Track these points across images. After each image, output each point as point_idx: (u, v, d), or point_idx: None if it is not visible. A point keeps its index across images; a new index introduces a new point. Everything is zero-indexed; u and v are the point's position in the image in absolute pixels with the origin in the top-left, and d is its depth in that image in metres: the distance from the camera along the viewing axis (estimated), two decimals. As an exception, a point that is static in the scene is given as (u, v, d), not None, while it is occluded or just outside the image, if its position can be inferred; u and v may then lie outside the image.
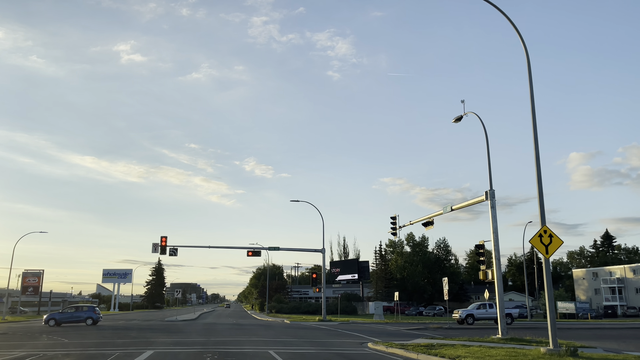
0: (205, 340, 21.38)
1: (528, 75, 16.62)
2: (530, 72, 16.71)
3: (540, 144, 16.23)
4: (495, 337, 21.89)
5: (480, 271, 24.14)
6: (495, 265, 22.84)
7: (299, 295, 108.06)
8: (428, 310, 76.89)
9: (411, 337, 25.40)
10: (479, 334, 27.11)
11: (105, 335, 24.66)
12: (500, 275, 22.76)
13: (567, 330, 34.15)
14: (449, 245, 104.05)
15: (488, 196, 23.60)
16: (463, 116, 26.72)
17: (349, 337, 24.70)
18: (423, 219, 30.94)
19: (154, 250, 45.64)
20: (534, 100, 16.52)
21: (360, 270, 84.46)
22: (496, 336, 22.22)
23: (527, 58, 16.80)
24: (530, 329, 31.69)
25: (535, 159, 16.11)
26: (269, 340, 22.05)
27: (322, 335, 25.93)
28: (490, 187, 23.81)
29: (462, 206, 26.20)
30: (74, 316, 37.55)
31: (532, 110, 16.48)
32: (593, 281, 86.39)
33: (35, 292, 78.88)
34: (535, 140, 16.22)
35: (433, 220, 30.40)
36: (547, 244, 15.20)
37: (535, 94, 16.44)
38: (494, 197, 23.59)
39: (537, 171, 16.11)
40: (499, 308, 22.65)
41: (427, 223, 30.61)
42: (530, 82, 16.55)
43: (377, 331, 30.71)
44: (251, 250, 47.65)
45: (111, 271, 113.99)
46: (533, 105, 16.52)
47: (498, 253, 22.98)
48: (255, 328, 33.34)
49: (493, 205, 23.46)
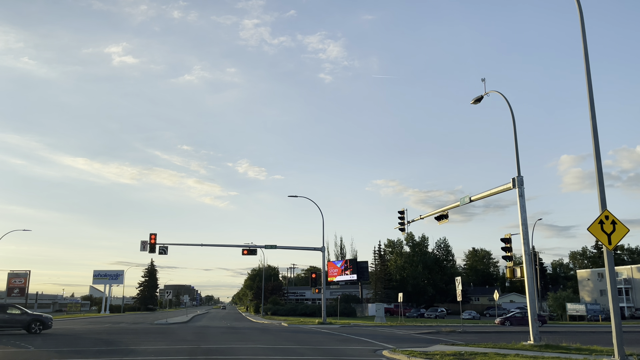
0: (193, 348, 18.48)
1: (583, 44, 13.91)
2: (584, 33, 13.99)
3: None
4: (527, 344, 19.14)
5: (507, 269, 21.35)
6: (525, 261, 20.09)
7: (295, 296, 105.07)
8: (430, 312, 74.18)
9: (427, 343, 22.62)
10: (502, 338, 24.35)
11: (63, 342, 21.66)
12: (531, 272, 20.02)
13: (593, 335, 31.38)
14: (449, 246, 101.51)
15: (515, 183, 20.86)
16: (484, 96, 24.00)
17: (358, 343, 21.86)
18: (436, 212, 28.19)
19: (143, 248, 42.65)
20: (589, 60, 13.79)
21: (359, 270, 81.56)
22: (527, 342, 19.47)
23: (581, 20, 14.08)
24: (551, 333, 29.03)
25: (592, 130, 13.38)
26: (268, 347, 19.18)
27: (327, 341, 23.07)
28: (518, 172, 21.08)
29: (483, 196, 23.44)
30: None
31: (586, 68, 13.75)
32: (598, 282, 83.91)
33: (21, 293, 75.65)
34: (593, 117, 13.49)
35: (447, 214, 27.66)
36: (610, 232, 12.49)
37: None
38: (522, 185, 20.85)
39: (595, 146, 13.38)
40: (530, 310, 19.90)
41: (440, 217, 27.86)
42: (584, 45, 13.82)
43: (386, 336, 27.89)
44: (246, 248, 44.73)
45: (102, 272, 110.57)
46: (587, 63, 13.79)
47: (528, 248, 20.21)
48: (251, 332, 30.44)
49: (521, 193, 20.72)
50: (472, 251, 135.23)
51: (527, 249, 20.15)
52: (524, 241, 20.25)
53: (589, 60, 13.91)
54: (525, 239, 20.25)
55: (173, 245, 43.84)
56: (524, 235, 20.30)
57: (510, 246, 21.91)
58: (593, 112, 13.72)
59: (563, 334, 28.29)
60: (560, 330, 34.38)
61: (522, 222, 20.44)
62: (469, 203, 24.49)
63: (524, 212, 20.55)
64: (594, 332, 34.79)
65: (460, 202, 25.37)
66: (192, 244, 44.70)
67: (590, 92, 13.83)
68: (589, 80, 13.83)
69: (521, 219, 20.48)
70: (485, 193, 23.15)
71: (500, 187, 21.92)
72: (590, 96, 13.82)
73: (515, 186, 20.78)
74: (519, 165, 21.23)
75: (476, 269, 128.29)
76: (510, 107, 22.07)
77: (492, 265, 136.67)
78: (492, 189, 22.63)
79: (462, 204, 25.21)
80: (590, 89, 13.82)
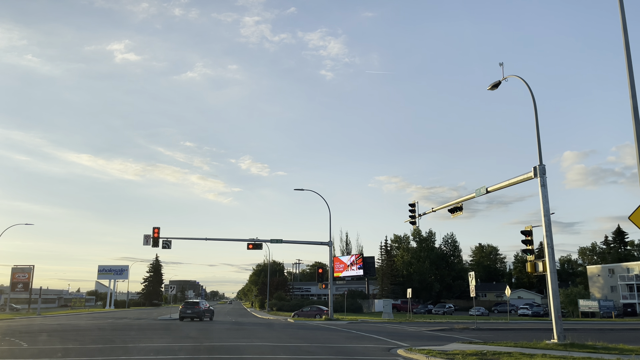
0: (196, 345, 17.45)
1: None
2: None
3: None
4: (550, 343, 17.98)
5: (528, 262, 20.13)
6: (548, 255, 18.88)
7: (300, 292, 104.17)
8: (437, 308, 73.06)
9: (442, 341, 21.51)
10: (520, 336, 23.21)
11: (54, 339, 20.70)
12: (553, 266, 18.80)
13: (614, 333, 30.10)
14: (456, 241, 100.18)
15: (537, 172, 19.65)
16: (501, 81, 22.76)
17: (370, 341, 20.78)
18: (450, 205, 27.01)
19: (146, 242, 41.69)
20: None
21: (365, 266, 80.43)
22: (551, 341, 18.32)
23: None
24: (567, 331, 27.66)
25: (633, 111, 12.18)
26: (275, 345, 18.13)
27: (336, 339, 22.00)
28: (540, 161, 19.86)
29: (501, 186, 22.24)
30: None
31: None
32: (609, 278, 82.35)
33: (25, 288, 75.00)
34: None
35: (462, 206, 26.48)
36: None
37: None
38: (545, 174, 19.64)
39: (635, 123, 12.18)
40: (553, 307, 18.69)
41: (454, 209, 26.68)
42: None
43: (397, 333, 26.80)
44: (252, 242, 43.71)
45: (107, 267, 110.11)
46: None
47: (551, 240, 19.01)
48: (256, 328, 29.44)
49: (544, 183, 19.52)
50: (479, 247, 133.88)
51: (550, 242, 18.96)
52: (546, 234, 19.05)
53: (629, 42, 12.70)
54: (547, 232, 19.05)
55: (178, 241, 42.90)
56: (546, 228, 19.10)
57: (531, 239, 20.71)
58: (633, 91, 12.52)
59: (581, 332, 27.11)
60: (576, 328, 33.13)
61: (545, 213, 19.23)
62: (485, 194, 23.31)
63: (546, 202, 19.35)
64: (612, 329, 33.55)
65: (475, 194, 24.18)
66: (196, 238, 43.69)
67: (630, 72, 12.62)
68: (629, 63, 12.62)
69: (543, 210, 19.28)
70: (503, 183, 21.95)
71: (520, 177, 20.73)
72: (631, 77, 12.62)
73: (537, 175, 19.57)
74: (540, 153, 20.01)
75: (483, 265, 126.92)
76: (531, 91, 20.84)
77: (499, 261, 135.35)
78: (511, 179, 21.43)
79: (478, 195, 24.02)
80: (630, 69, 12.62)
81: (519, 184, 22.02)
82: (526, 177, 20.24)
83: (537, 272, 19.60)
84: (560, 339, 18.23)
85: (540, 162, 19.81)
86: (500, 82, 22.76)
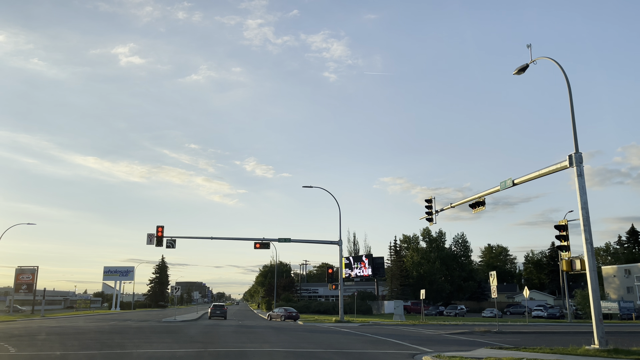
0: (199, 352, 15.84)
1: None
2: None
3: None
4: (591, 348, 16.23)
5: (563, 260, 18.38)
6: (587, 252, 17.13)
7: (308, 293, 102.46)
8: (449, 310, 71.19)
9: (466, 345, 19.82)
10: (550, 340, 21.47)
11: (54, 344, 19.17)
12: (593, 264, 17.04)
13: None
14: (467, 241, 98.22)
15: (573, 161, 17.92)
16: (529, 64, 21.06)
17: (389, 346, 19.08)
18: (471, 199, 25.30)
19: (149, 242, 40.28)
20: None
21: (374, 267, 78.66)
22: (591, 346, 16.54)
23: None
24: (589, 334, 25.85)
25: None
26: (287, 351, 16.47)
27: (351, 343, 20.33)
28: (576, 149, 18.11)
29: (530, 178, 20.50)
30: None
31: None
32: (625, 279, 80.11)
33: (29, 289, 73.80)
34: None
35: (484, 200, 24.74)
36: None
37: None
38: (582, 163, 17.90)
39: None
40: (593, 310, 16.93)
41: (476, 204, 24.95)
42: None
43: (415, 336, 25.08)
44: (259, 242, 42.15)
45: (112, 268, 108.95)
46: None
47: (590, 236, 17.26)
48: (264, 331, 27.83)
49: (580, 172, 17.78)
50: (488, 247, 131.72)
51: (589, 238, 17.20)
52: (584, 228, 17.30)
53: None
54: (585, 226, 17.30)
55: (184, 242, 41.52)
56: (584, 221, 17.35)
57: (566, 234, 18.90)
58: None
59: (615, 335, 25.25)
60: (607, 331, 31.24)
61: (582, 205, 17.48)
62: (512, 186, 21.58)
63: (583, 194, 17.60)
64: None
65: (500, 187, 22.46)
66: (200, 237, 42.20)
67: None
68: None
69: (581, 202, 17.53)
70: (533, 174, 20.20)
71: (553, 167, 18.98)
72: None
73: (573, 164, 17.84)
74: (576, 140, 18.27)
75: (493, 266, 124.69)
76: (564, 71, 19.14)
77: (510, 262, 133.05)
78: (542, 169, 19.68)
79: (503, 188, 22.30)
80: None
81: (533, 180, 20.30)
82: (560, 166, 18.51)
83: (574, 271, 17.87)
84: (602, 344, 16.47)
85: (576, 149, 18.07)
86: (528, 65, 21.08)
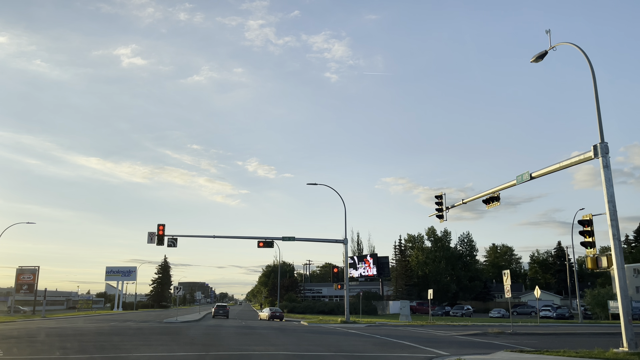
0: (201, 355, 14.78)
1: None
2: None
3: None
4: (619, 351, 15.12)
5: (588, 258, 17.28)
6: (614, 248, 16.03)
7: (311, 293, 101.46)
8: (455, 310, 70.02)
9: (482, 348, 18.72)
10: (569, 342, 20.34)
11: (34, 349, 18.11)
12: (621, 261, 15.94)
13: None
14: (473, 241, 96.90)
15: (598, 152, 16.81)
16: (548, 51, 19.97)
17: (402, 349, 17.99)
18: (484, 194, 24.20)
19: (150, 240, 39.33)
20: None
21: (379, 266, 77.54)
22: (620, 349, 15.43)
23: None
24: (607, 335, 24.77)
25: None
26: (294, 355, 15.40)
27: (362, 346, 19.25)
28: (601, 139, 17.00)
29: (549, 170, 19.40)
30: None
31: None
32: (634, 278, 78.70)
33: (30, 290, 72.95)
34: None
35: (499, 195, 23.64)
36: None
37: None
38: (608, 153, 16.78)
39: None
40: (622, 310, 15.84)
41: (490, 199, 23.86)
42: None
43: (426, 338, 23.97)
44: (262, 240, 41.17)
45: (115, 269, 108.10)
46: None
47: (618, 231, 16.14)
48: (269, 333, 26.78)
49: (606, 164, 16.67)
50: (493, 247, 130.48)
51: (617, 233, 16.09)
52: (611, 223, 16.19)
53: None
54: (612, 220, 16.19)
55: (186, 242, 40.58)
56: (611, 216, 16.24)
57: (591, 229, 17.75)
58: None
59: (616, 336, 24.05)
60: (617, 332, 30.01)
61: (609, 199, 16.38)
62: (529, 180, 20.48)
63: (610, 186, 16.49)
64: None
65: (517, 181, 21.37)
66: (202, 236, 41.22)
67: None
68: None
69: (607, 195, 16.43)
70: (553, 166, 19.09)
71: (576, 158, 17.89)
72: None
73: (599, 155, 16.73)
74: (601, 129, 17.15)
75: (498, 266, 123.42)
76: (588, 58, 18.00)
77: (515, 261, 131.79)
78: (563, 161, 18.59)
79: (519, 183, 21.22)
80: None
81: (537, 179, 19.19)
82: (584, 157, 17.40)
83: (600, 269, 16.76)
84: (632, 346, 15.35)
85: (601, 140, 16.95)
86: (547, 52, 20.00)
